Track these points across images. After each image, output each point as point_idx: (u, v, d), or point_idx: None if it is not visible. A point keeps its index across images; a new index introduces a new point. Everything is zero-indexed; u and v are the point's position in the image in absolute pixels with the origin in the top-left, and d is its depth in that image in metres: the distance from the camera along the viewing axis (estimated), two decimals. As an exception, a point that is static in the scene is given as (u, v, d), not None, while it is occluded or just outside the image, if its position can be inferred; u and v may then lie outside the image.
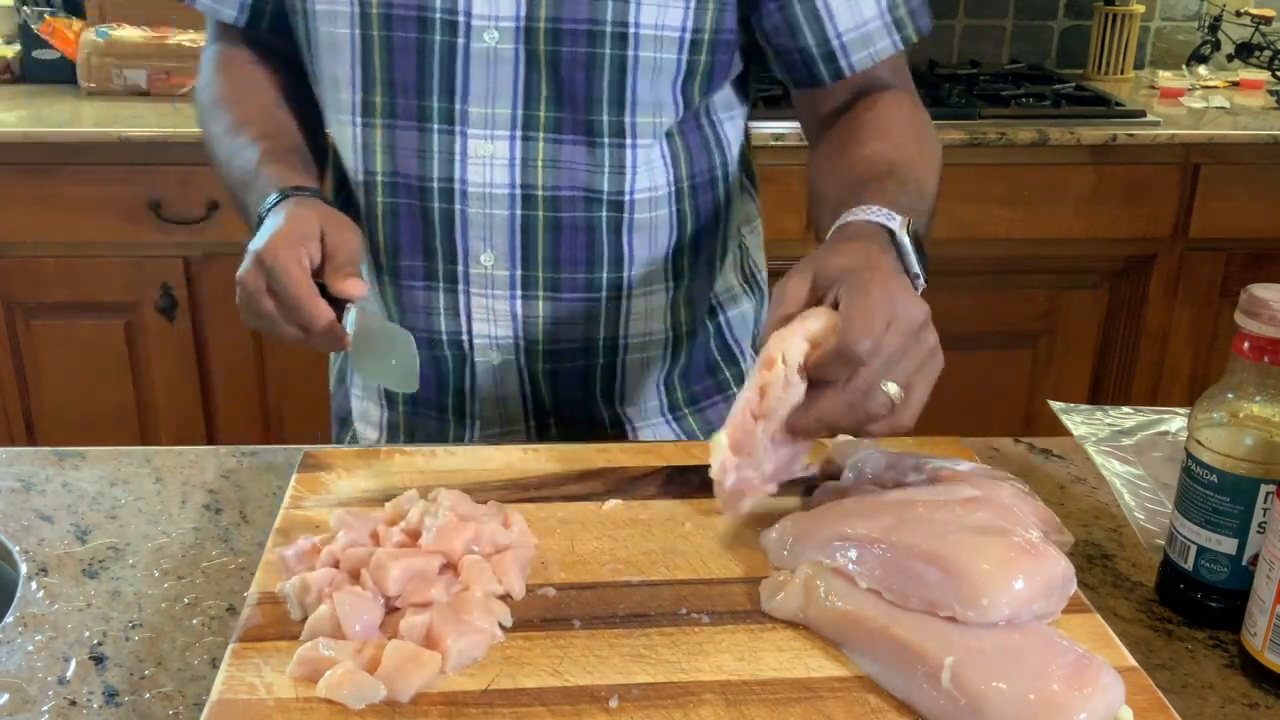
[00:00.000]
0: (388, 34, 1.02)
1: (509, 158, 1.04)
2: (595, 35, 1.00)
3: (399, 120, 1.05)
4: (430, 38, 1.01)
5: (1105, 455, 1.05)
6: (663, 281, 1.13)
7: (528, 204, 1.06)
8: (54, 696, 0.73)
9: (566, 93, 1.02)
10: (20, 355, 2.28)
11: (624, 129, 1.04)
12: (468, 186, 1.05)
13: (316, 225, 0.94)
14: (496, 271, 1.08)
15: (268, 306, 0.92)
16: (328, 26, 1.04)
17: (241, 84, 1.13)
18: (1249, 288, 0.76)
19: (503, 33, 1.00)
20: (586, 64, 1.01)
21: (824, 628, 0.76)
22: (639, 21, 1.00)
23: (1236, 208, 2.32)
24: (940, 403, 2.74)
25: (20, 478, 0.98)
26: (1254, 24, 2.71)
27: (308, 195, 0.99)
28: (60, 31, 2.41)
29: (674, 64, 1.03)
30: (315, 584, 0.76)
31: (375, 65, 1.03)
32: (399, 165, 1.06)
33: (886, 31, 1.07)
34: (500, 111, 1.03)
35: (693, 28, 1.02)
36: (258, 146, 1.05)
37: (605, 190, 1.06)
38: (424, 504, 0.85)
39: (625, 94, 1.03)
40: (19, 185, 2.15)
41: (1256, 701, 0.75)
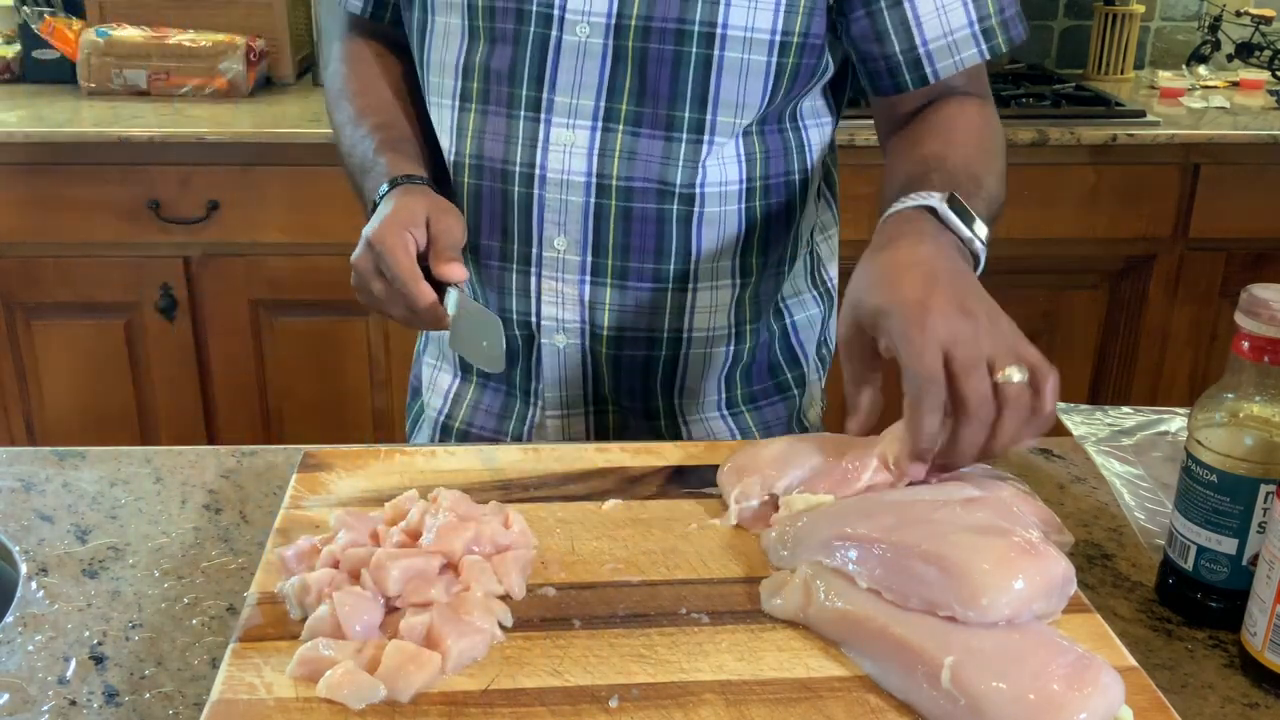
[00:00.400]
0: (491, 24, 1.07)
1: (588, 146, 1.07)
2: (683, 34, 1.03)
3: (491, 106, 1.09)
4: (526, 29, 1.05)
5: (1105, 455, 1.05)
6: (729, 278, 1.14)
7: (601, 193, 1.08)
8: (54, 696, 0.73)
9: (650, 88, 1.05)
10: (20, 355, 2.28)
11: (703, 126, 1.07)
12: (546, 172, 1.08)
13: (423, 211, 1.00)
14: (568, 256, 1.11)
15: (377, 287, 0.99)
16: (443, 17, 1.09)
17: (365, 76, 1.20)
18: (1249, 288, 0.76)
19: (594, 27, 1.04)
20: (673, 62, 1.04)
21: (824, 628, 0.76)
22: (728, 22, 1.03)
23: (1236, 208, 2.32)
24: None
25: (20, 478, 0.98)
26: (1254, 24, 2.71)
27: (417, 183, 1.05)
28: (60, 31, 2.41)
29: (762, 65, 1.05)
30: (315, 584, 0.76)
31: (478, 53, 1.08)
32: (485, 149, 1.10)
33: (974, 41, 1.08)
34: (584, 102, 1.06)
35: (782, 30, 1.04)
36: (375, 137, 1.12)
37: (678, 183, 1.08)
38: (424, 504, 0.85)
39: (708, 93, 1.05)
40: (19, 185, 2.15)
41: (1256, 701, 0.75)
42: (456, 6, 1.08)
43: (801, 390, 1.24)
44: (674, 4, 1.02)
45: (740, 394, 1.20)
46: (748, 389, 1.21)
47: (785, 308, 1.22)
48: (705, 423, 1.20)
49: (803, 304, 1.23)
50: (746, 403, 1.21)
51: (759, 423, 1.22)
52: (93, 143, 2.12)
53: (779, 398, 1.23)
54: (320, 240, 2.14)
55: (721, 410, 1.20)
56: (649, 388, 1.17)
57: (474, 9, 1.07)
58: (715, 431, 1.20)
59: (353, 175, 1.14)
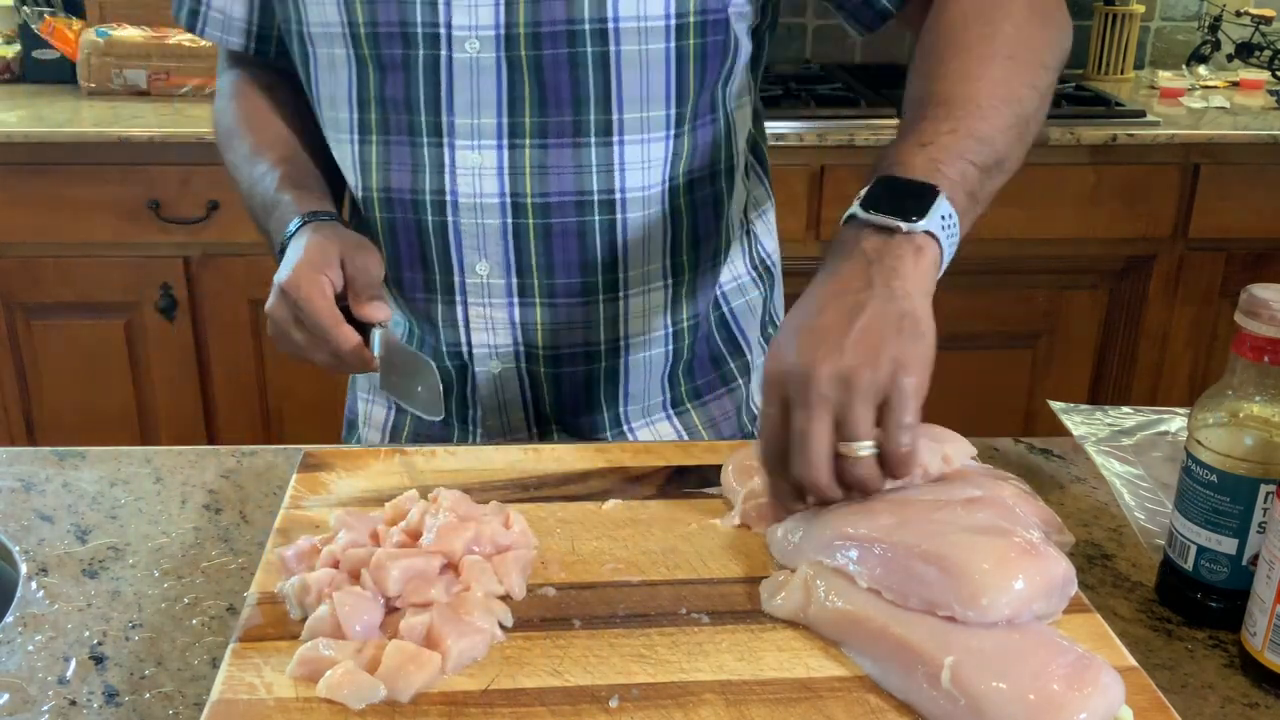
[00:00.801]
0: (376, 51, 1.02)
1: (497, 166, 1.04)
2: (575, 35, 0.99)
3: (392, 136, 1.05)
4: (414, 52, 1.01)
5: (1105, 455, 1.05)
6: (661, 279, 1.12)
7: (518, 212, 1.05)
8: (54, 696, 0.73)
9: (550, 97, 1.02)
10: (20, 355, 2.28)
11: (611, 127, 1.03)
12: (458, 198, 1.05)
13: (336, 250, 0.97)
14: (492, 280, 1.08)
15: (297, 336, 0.97)
16: (326, 48, 1.04)
17: (256, 110, 1.16)
18: (1249, 288, 0.76)
19: (484, 41, 1.00)
20: (569, 64, 1.00)
21: (824, 627, 0.76)
22: (618, 15, 0.99)
23: (1236, 208, 2.32)
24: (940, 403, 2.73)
25: (20, 478, 0.98)
26: (1254, 24, 2.71)
27: (325, 220, 1.02)
28: (60, 31, 2.41)
29: (661, 54, 1.01)
30: (315, 584, 0.76)
31: (370, 83, 1.04)
32: (393, 181, 1.06)
33: None
34: (486, 121, 1.02)
35: (676, 13, 1.00)
36: (276, 173, 1.07)
37: (595, 191, 1.05)
38: (424, 504, 0.85)
39: (611, 92, 1.02)
40: (19, 185, 2.15)
41: (1256, 701, 0.75)
42: (338, 36, 1.03)
43: (747, 378, 1.22)
44: (559, 5, 0.98)
45: (684, 391, 1.18)
46: (691, 384, 1.18)
47: (723, 296, 1.19)
48: (651, 427, 1.17)
49: (741, 289, 1.20)
50: (692, 399, 1.19)
51: (705, 420, 1.19)
52: (93, 143, 2.12)
53: (724, 390, 1.20)
54: (320, 240, 2.15)
55: (667, 410, 1.18)
56: (592, 401, 1.15)
57: (357, 38, 1.02)
58: (661, 434, 1.18)
59: (256, 216, 1.10)
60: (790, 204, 2.22)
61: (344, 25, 1.02)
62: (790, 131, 2.18)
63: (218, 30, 1.15)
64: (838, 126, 2.21)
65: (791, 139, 2.18)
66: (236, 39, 1.15)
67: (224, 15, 1.15)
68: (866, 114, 2.28)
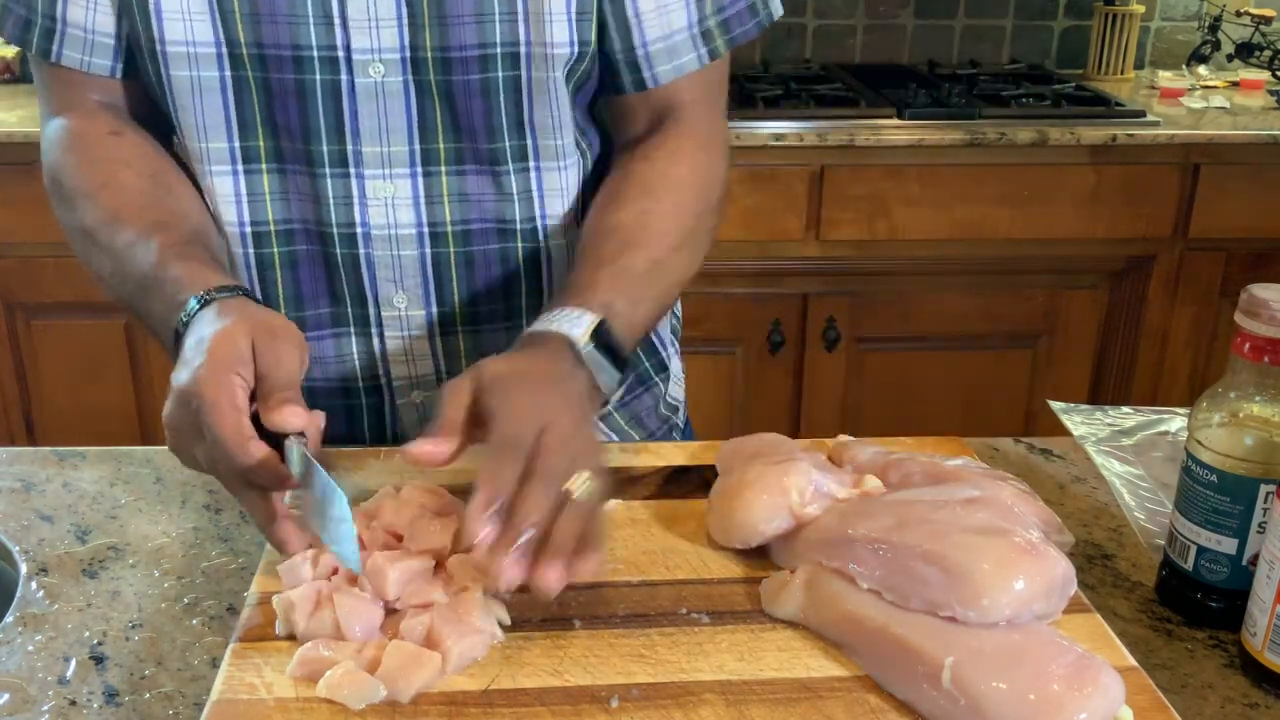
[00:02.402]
0: (263, 75, 0.94)
1: (412, 196, 1.00)
2: (487, 59, 0.96)
3: (287, 164, 0.99)
4: (310, 77, 0.94)
5: (1105, 455, 1.05)
6: None
7: (436, 241, 1.02)
8: (54, 696, 0.73)
9: (464, 122, 0.98)
10: (20, 355, 2.28)
11: (526, 153, 1.01)
12: (370, 229, 1.00)
13: (247, 344, 0.80)
14: (411, 312, 1.04)
15: (200, 451, 0.79)
16: (187, 70, 0.94)
17: (107, 164, 0.98)
18: (1249, 288, 0.76)
19: (388, 65, 0.95)
20: (481, 90, 0.96)
21: (824, 628, 0.76)
22: (529, 39, 0.96)
23: (1236, 208, 2.32)
24: (940, 403, 2.75)
25: (20, 478, 0.98)
26: (1254, 24, 2.71)
27: (230, 295, 0.85)
28: (60, 31, 2.41)
29: (565, 81, 0.99)
30: (300, 601, 0.75)
31: (253, 108, 0.96)
32: (293, 212, 1.00)
33: (693, 44, 1.01)
34: (396, 149, 0.98)
35: (580, 40, 0.98)
36: (152, 243, 0.91)
37: (517, 219, 1.03)
38: (394, 503, 0.84)
39: (524, 116, 0.99)
40: (19, 185, 2.15)
41: (1256, 701, 0.75)
42: (209, 58, 0.94)
43: (665, 374, 1.20)
44: (469, 29, 0.94)
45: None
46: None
47: None
48: None
49: None
50: (615, 404, 1.15)
51: (628, 417, 1.17)
52: (93, 143, 2.12)
53: (642, 389, 1.18)
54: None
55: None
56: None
57: (237, 58, 0.94)
58: None
59: (126, 295, 0.93)
60: (790, 204, 2.22)
61: (219, 45, 0.94)
62: (790, 131, 2.18)
63: (78, 51, 0.98)
64: (838, 126, 2.21)
65: (791, 139, 2.18)
66: (102, 60, 0.98)
67: (86, 33, 0.97)
68: (866, 114, 2.28)
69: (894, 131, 2.22)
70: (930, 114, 2.27)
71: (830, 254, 2.27)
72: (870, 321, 2.35)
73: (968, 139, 2.21)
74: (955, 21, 2.77)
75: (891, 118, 2.27)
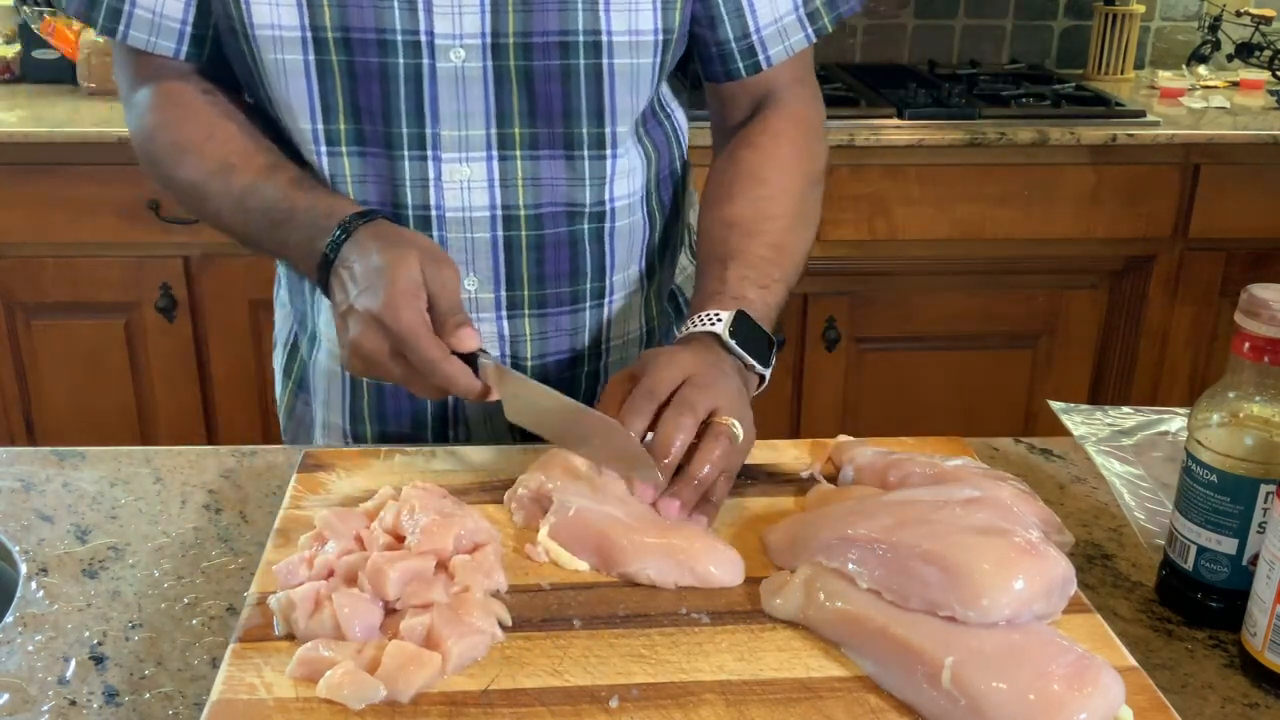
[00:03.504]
0: (348, 59, 0.96)
1: (487, 179, 1.01)
2: (568, 46, 0.98)
3: (368, 148, 1.01)
4: (393, 61, 0.97)
5: (1105, 455, 1.05)
6: (639, 282, 1.13)
7: (509, 224, 1.03)
8: (54, 696, 0.73)
9: (541, 107, 1.00)
10: (20, 355, 2.28)
11: (603, 140, 1.03)
12: (445, 211, 1.02)
13: (419, 267, 0.87)
14: (481, 295, 1.06)
15: (396, 371, 0.88)
16: (274, 53, 0.97)
17: (206, 118, 1.02)
18: (1249, 288, 0.76)
19: (469, 50, 0.97)
20: (561, 76, 0.99)
21: (824, 628, 0.76)
22: (611, 28, 0.98)
23: (1236, 208, 2.32)
24: (940, 403, 2.74)
25: (20, 478, 0.98)
26: (1254, 24, 2.71)
27: (373, 221, 0.93)
28: (60, 31, 2.41)
29: (649, 68, 1.01)
30: (300, 600, 0.75)
31: (336, 92, 0.98)
32: (370, 194, 1.02)
33: (800, 25, 1.07)
34: (474, 133, 1.00)
35: (664, 28, 1.00)
36: (273, 181, 0.97)
37: (587, 203, 1.05)
38: (396, 504, 0.85)
39: (604, 104, 1.01)
40: (19, 185, 2.15)
41: (1256, 701, 0.75)
42: (294, 41, 0.96)
43: None
44: (552, 16, 0.96)
45: None
46: None
47: (678, 288, 1.22)
48: None
49: (690, 278, 1.20)
50: None
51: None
52: (93, 143, 2.12)
53: None
54: (320, 240, 2.15)
55: None
56: None
57: (322, 43, 0.96)
58: None
59: (254, 232, 0.99)
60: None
61: (304, 29, 0.96)
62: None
63: (145, 32, 1.01)
64: (838, 126, 2.21)
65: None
66: (168, 42, 1.01)
67: (155, 15, 1.00)
68: (866, 114, 2.28)
69: (894, 131, 2.22)
70: (930, 114, 2.27)
71: (830, 254, 2.27)
72: (870, 321, 2.35)
73: (968, 139, 2.21)
74: (955, 21, 2.77)
75: (891, 118, 2.27)
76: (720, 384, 0.88)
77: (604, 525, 0.82)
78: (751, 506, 0.91)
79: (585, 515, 0.83)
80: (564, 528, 0.83)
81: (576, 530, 0.82)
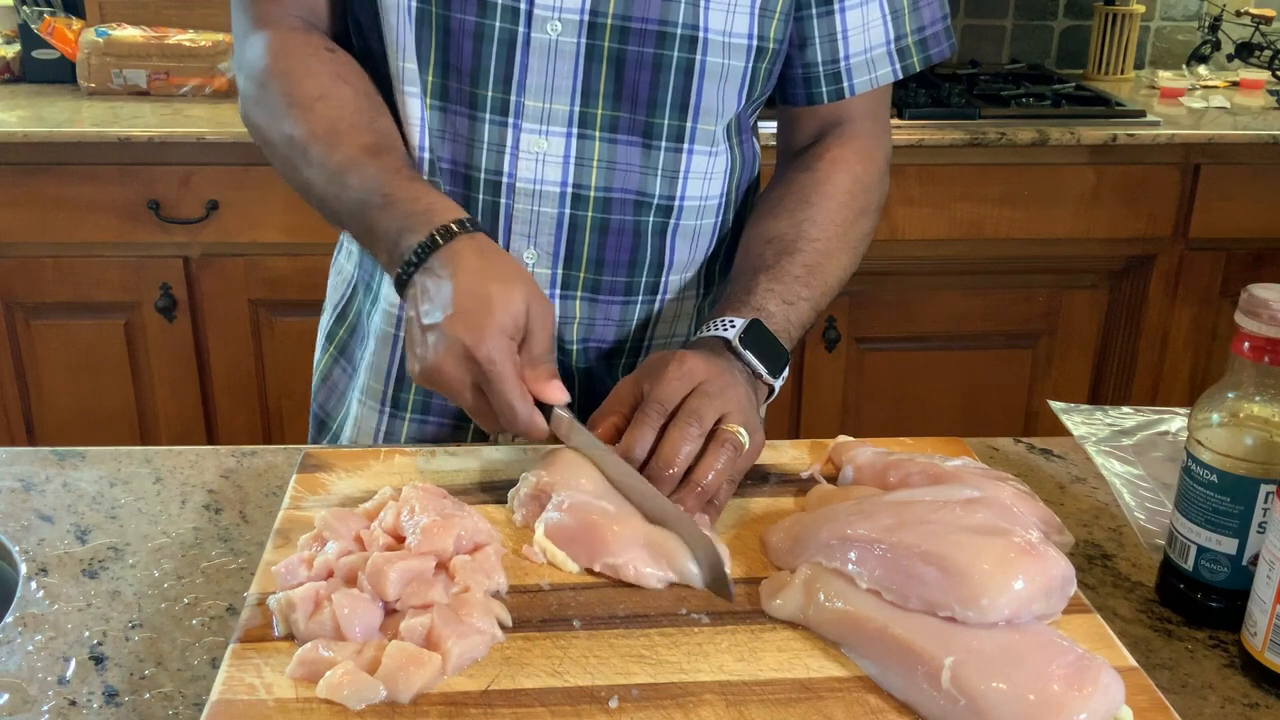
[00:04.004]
0: (445, 13, 0.97)
1: (563, 155, 1.02)
2: (665, 36, 0.98)
3: (450, 104, 1.01)
4: (490, 23, 0.97)
5: (1105, 455, 1.05)
6: (695, 288, 1.13)
7: (577, 204, 1.04)
8: (54, 696, 0.73)
9: (627, 92, 1.00)
10: (20, 355, 2.28)
11: (683, 134, 1.03)
12: (516, 181, 1.02)
13: (523, 305, 0.86)
14: (538, 269, 1.06)
15: (469, 400, 0.87)
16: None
17: (324, 76, 1.00)
18: (1249, 288, 0.76)
19: (566, 25, 0.97)
20: (653, 64, 0.99)
21: (824, 628, 0.76)
22: (708, 25, 0.99)
23: (1236, 208, 2.32)
24: (940, 403, 2.74)
25: (20, 478, 0.98)
26: (1254, 24, 2.71)
27: (471, 231, 0.90)
28: (60, 31, 2.41)
29: (739, 71, 1.02)
30: (300, 600, 0.75)
31: (431, 43, 0.99)
32: (447, 150, 1.03)
33: (889, 59, 1.07)
34: (558, 107, 1.00)
35: (759, 35, 1.01)
36: (382, 159, 0.95)
37: (656, 194, 1.05)
38: (395, 504, 0.85)
39: (690, 98, 1.02)
40: (19, 185, 2.15)
41: (1256, 701, 0.75)
42: None
43: None
44: (654, 4, 0.97)
45: None
46: None
47: None
48: None
49: None
50: None
51: None
52: (93, 143, 2.12)
53: None
54: (320, 240, 2.14)
55: None
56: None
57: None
58: None
59: (346, 209, 0.96)
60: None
61: None
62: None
63: None
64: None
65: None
66: None
67: None
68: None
69: (894, 131, 2.21)
70: (930, 114, 2.27)
71: (830, 254, 2.27)
72: (870, 321, 2.35)
73: (968, 139, 2.21)
74: (955, 21, 2.77)
75: (892, 118, 2.27)
76: (729, 392, 0.89)
77: (593, 516, 0.82)
78: (752, 506, 0.91)
79: (577, 508, 0.83)
80: (557, 523, 0.83)
81: (568, 523, 0.83)
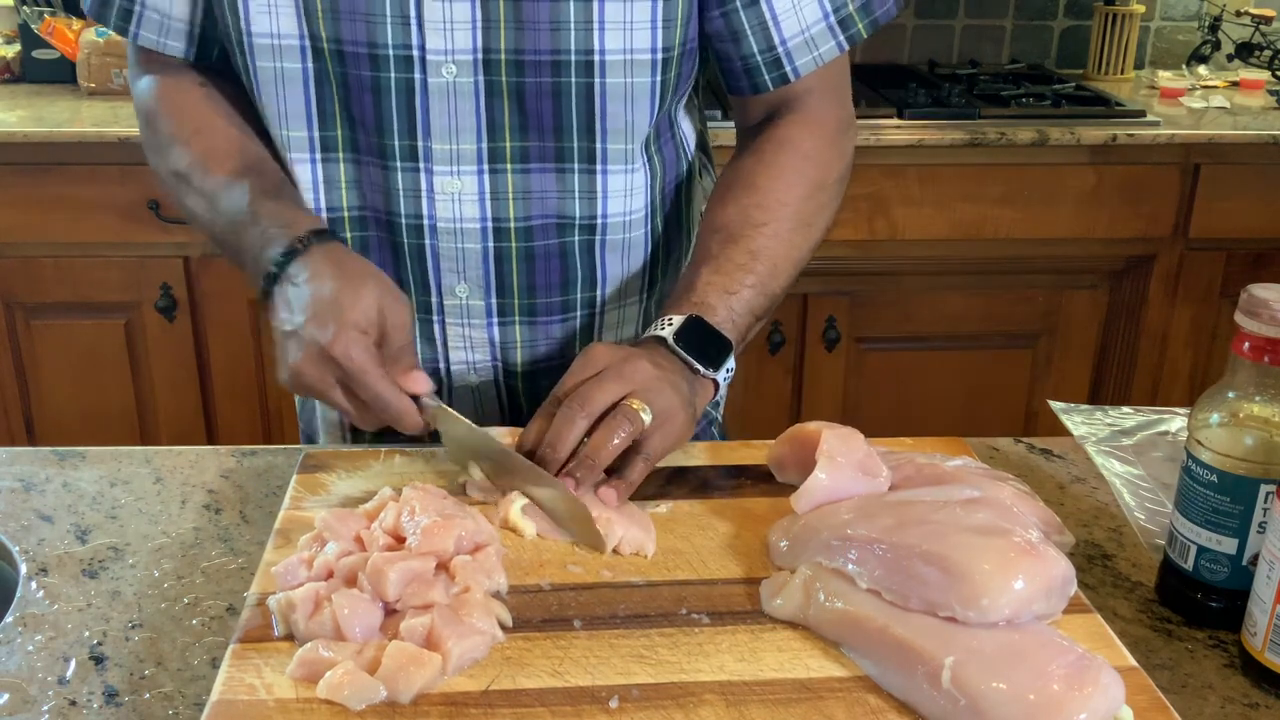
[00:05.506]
0: (342, 70, 0.98)
1: (478, 192, 1.02)
2: (560, 65, 0.97)
3: (362, 156, 1.02)
4: (385, 75, 0.97)
5: (1105, 455, 1.05)
6: (637, 293, 1.13)
7: (499, 236, 1.04)
8: (54, 696, 0.73)
9: (533, 123, 1.00)
10: (20, 355, 2.28)
11: (594, 155, 1.03)
12: (436, 222, 1.03)
13: (375, 303, 0.90)
14: (472, 302, 1.07)
15: (339, 399, 0.90)
16: (271, 61, 0.98)
17: (197, 113, 1.05)
18: (1249, 288, 0.76)
19: (461, 66, 0.97)
20: (552, 93, 0.98)
21: (824, 628, 0.76)
22: (605, 48, 0.97)
23: (1236, 208, 2.32)
24: (940, 403, 2.74)
25: (20, 478, 0.98)
26: (1254, 24, 2.71)
27: (328, 241, 0.94)
28: (60, 31, 2.41)
29: (646, 87, 1.01)
30: (300, 601, 0.75)
31: (333, 100, 1.00)
32: (366, 200, 1.04)
33: (830, 33, 1.04)
34: (465, 147, 1.00)
35: (663, 48, 0.99)
36: (243, 184, 0.99)
37: (577, 216, 1.05)
38: (395, 504, 0.85)
39: (595, 121, 1.01)
40: (19, 185, 2.15)
41: (1256, 701, 0.75)
42: (293, 50, 0.97)
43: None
44: (544, 35, 0.96)
45: None
46: None
47: None
48: None
49: None
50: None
51: None
52: (93, 143, 2.12)
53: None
54: (320, 240, 2.14)
55: None
56: None
57: (318, 52, 0.97)
58: None
59: (218, 231, 1.01)
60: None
61: (302, 38, 0.97)
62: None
63: (154, 33, 1.04)
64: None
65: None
66: (176, 43, 1.04)
67: (161, 16, 1.03)
68: (866, 114, 2.28)
69: (894, 131, 2.22)
70: (930, 114, 2.27)
71: (830, 254, 2.26)
72: (870, 321, 2.35)
73: (968, 139, 2.21)
74: (955, 21, 2.77)
75: (891, 118, 2.27)
76: (633, 376, 0.89)
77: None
78: (751, 506, 0.91)
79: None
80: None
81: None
